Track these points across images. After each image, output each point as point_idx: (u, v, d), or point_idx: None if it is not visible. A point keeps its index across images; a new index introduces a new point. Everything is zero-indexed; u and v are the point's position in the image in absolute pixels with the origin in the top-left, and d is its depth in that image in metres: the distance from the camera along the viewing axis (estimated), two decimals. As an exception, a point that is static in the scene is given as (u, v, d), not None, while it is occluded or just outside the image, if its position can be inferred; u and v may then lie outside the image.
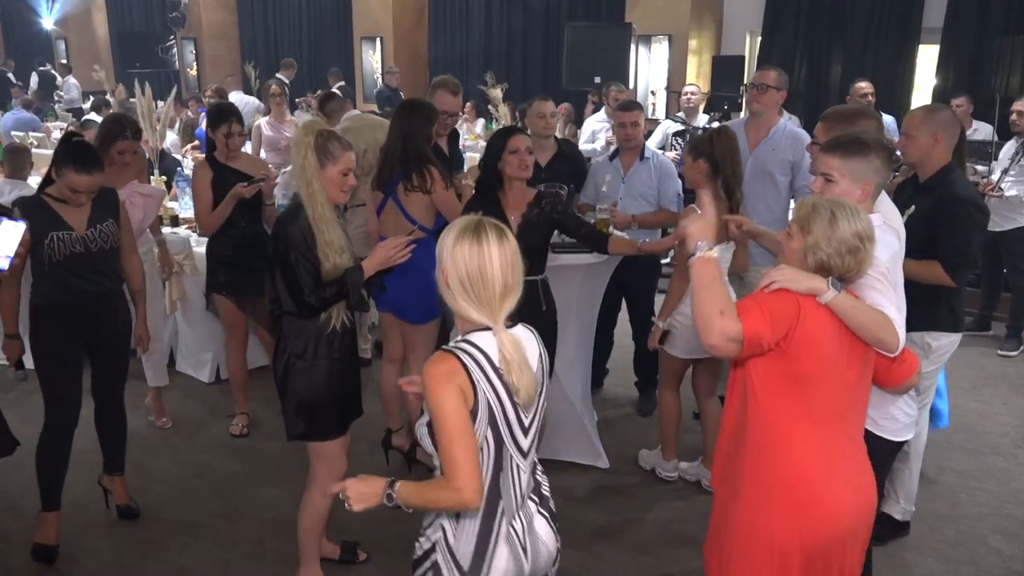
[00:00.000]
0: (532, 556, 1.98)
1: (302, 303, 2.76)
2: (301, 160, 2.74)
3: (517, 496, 1.98)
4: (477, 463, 1.84)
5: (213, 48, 15.76)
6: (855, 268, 2.07)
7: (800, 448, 2.10)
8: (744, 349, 2.04)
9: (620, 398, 4.92)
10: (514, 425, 1.93)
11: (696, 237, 2.13)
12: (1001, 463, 4.21)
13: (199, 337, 5.13)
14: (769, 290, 2.07)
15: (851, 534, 2.15)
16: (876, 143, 2.42)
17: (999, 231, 5.62)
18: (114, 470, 3.65)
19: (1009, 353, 5.66)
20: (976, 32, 8.55)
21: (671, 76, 10.30)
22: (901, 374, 2.27)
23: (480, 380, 1.86)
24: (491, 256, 1.87)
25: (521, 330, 2.01)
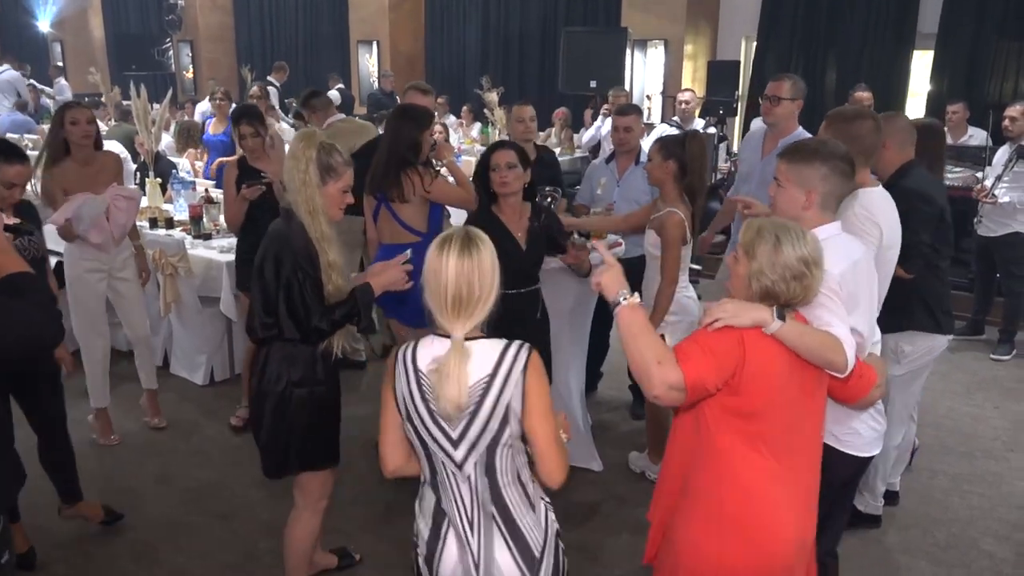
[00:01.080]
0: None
1: (310, 329, 2.56)
2: (301, 175, 2.56)
3: (461, 506, 2.00)
4: (393, 440, 2.06)
5: (210, 51, 15.77)
6: (801, 294, 2.02)
7: (749, 479, 2.05)
8: (688, 396, 1.96)
9: (614, 401, 4.93)
10: (434, 431, 1.95)
11: (612, 288, 2.02)
12: (993, 467, 4.23)
13: (193, 339, 5.12)
14: (712, 328, 2.00)
15: (793, 564, 2.11)
16: (828, 152, 2.36)
17: (993, 236, 5.65)
18: (71, 500, 3.50)
19: (1002, 357, 5.69)
20: (971, 38, 8.58)
21: (667, 81, 10.33)
22: (859, 389, 2.21)
23: (399, 376, 1.98)
24: (446, 267, 1.89)
25: (479, 345, 1.93)
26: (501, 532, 2.00)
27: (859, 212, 2.74)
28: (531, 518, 2.03)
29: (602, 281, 2.05)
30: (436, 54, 13.59)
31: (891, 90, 8.96)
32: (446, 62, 13.44)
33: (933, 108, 8.50)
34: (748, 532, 2.06)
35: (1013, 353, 5.72)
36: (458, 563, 2.00)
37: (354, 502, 3.77)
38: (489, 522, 2.00)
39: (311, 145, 2.58)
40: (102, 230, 3.97)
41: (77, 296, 4.11)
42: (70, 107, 4.03)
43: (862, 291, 2.37)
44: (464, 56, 13.18)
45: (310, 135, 2.65)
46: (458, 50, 13.27)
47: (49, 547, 3.43)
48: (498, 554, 1.99)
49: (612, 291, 2.02)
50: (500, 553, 1.99)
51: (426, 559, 2.06)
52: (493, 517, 2.00)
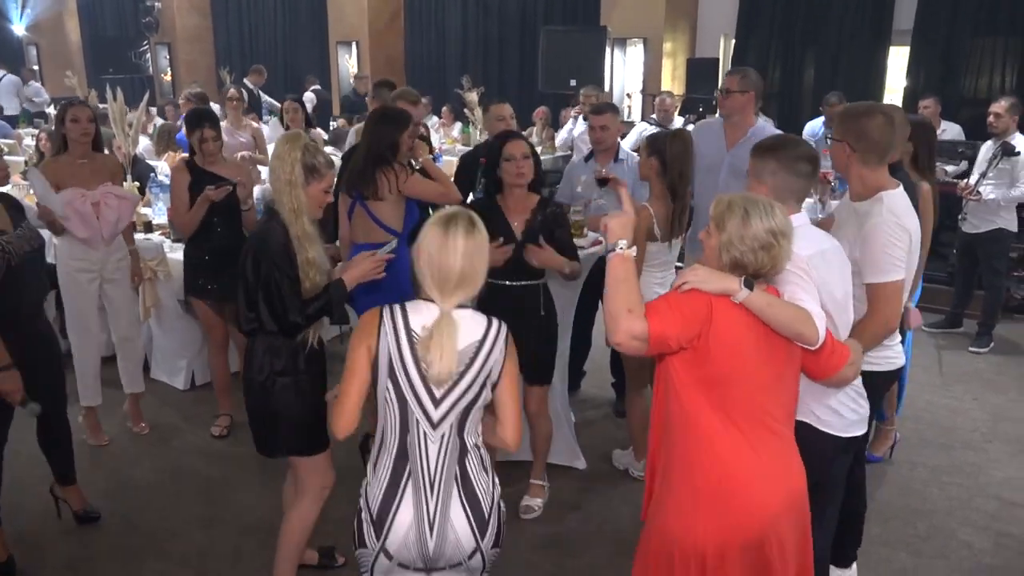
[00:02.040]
0: (437, 537, 2.10)
1: (287, 323, 2.68)
2: (287, 176, 2.67)
3: (425, 466, 2.10)
4: (355, 401, 2.11)
5: (187, 53, 15.66)
6: (769, 264, 2.07)
7: (722, 446, 2.10)
8: (650, 348, 2.04)
9: (597, 399, 4.95)
10: (419, 389, 2.07)
11: (616, 234, 2.10)
12: (971, 457, 4.28)
13: (174, 344, 5.09)
14: (682, 290, 2.07)
15: (777, 527, 2.14)
16: (780, 146, 2.47)
17: (976, 233, 5.69)
18: (66, 481, 3.59)
19: (980, 350, 5.75)
20: (946, 34, 8.68)
21: (646, 79, 10.37)
22: (831, 366, 2.24)
23: (387, 334, 2.06)
24: (455, 247, 2.03)
25: (467, 314, 2.10)
26: (459, 492, 2.13)
27: (888, 219, 2.62)
28: (485, 480, 2.18)
29: (610, 224, 2.12)
30: (416, 54, 13.57)
31: (868, 86, 9.04)
32: (426, 62, 13.42)
33: (909, 104, 8.57)
34: (721, 501, 2.10)
35: (991, 346, 5.79)
36: (412, 522, 2.09)
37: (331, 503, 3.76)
38: (450, 482, 2.12)
39: (296, 147, 2.70)
40: (89, 224, 3.97)
41: (69, 295, 4.10)
42: (72, 105, 4.08)
43: (831, 280, 2.40)
44: (444, 56, 13.17)
45: (295, 137, 2.78)
46: (438, 50, 13.26)
47: (29, 551, 3.40)
48: (453, 513, 2.11)
49: (614, 236, 2.11)
50: (455, 512, 2.11)
51: (376, 518, 2.11)
52: (455, 477, 2.13)
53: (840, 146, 2.74)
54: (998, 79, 8.44)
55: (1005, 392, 5.11)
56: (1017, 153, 5.43)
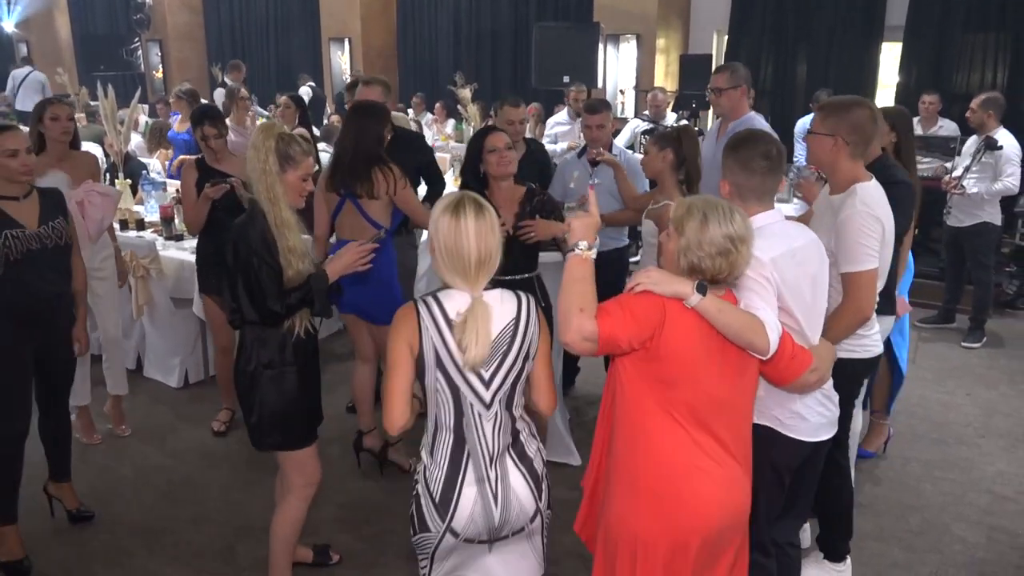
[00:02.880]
0: (503, 505, 2.16)
1: (266, 311, 2.68)
2: (262, 164, 2.69)
3: (484, 444, 2.16)
4: (405, 398, 2.13)
5: (179, 50, 15.57)
6: (727, 270, 2.06)
7: (663, 445, 2.09)
8: (599, 349, 2.04)
9: (591, 396, 4.95)
10: (469, 376, 2.11)
11: (578, 235, 2.10)
12: (964, 452, 4.29)
13: (167, 342, 5.07)
14: (635, 291, 2.07)
15: (718, 535, 2.13)
16: (746, 142, 2.47)
17: (961, 227, 5.73)
18: (61, 478, 3.58)
19: (972, 345, 5.77)
20: (938, 30, 8.68)
21: (639, 75, 10.36)
22: (791, 373, 2.21)
23: (428, 328, 2.09)
24: (467, 230, 2.07)
25: (496, 295, 2.14)
26: (514, 460, 2.20)
27: (861, 210, 2.68)
28: (534, 446, 2.27)
29: (574, 224, 2.12)
30: (408, 51, 13.53)
31: (860, 82, 9.04)
32: (419, 59, 13.38)
33: (902, 100, 8.59)
34: (663, 503, 2.10)
35: (983, 341, 5.81)
36: (477, 497, 2.15)
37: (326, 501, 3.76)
38: (505, 452, 2.19)
39: (270, 136, 2.73)
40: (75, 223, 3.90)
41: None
42: (51, 103, 4.04)
43: (802, 279, 2.38)
44: (437, 52, 13.13)
45: (269, 127, 2.81)
46: (431, 46, 13.22)
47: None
48: (513, 479, 2.19)
49: (575, 237, 2.11)
50: (515, 478, 2.19)
51: (440, 501, 2.15)
52: (508, 447, 2.20)
53: (830, 140, 2.74)
54: (990, 75, 8.45)
55: (997, 387, 5.13)
56: (1000, 147, 5.47)
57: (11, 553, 3.25)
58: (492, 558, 2.24)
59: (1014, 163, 5.50)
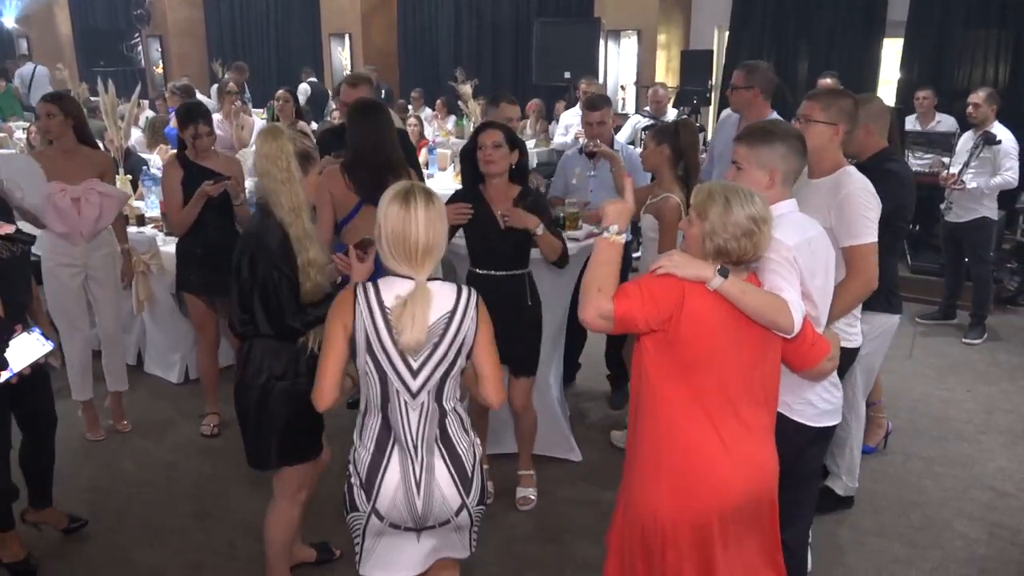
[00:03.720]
0: (424, 497, 2.20)
1: (284, 327, 2.59)
2: (283, 173, 2.55)
3: (408, 431, 2.20)
4: (335, 376, 2.19)
5: (179, 45, 15.55)
6: (752, 250, 2.10)
7: (687, 429, 2.13)
8: (615, 327, 2.10)
9: (593, 392, 4.94)
10: (397, 362, 2.15)
11: (611, 219, 2.16)
12: (965, 449, 4.29)
13: (167, 338, 5.07)
14: (656, 274, 2.10)
15: (739, 513, 2.17)
16: (782, 131, 2.47)
17: (960, 222, 5.72)
18: (43, 504, 3.42)
19: (973, 341, 5.76)
20: (939, 26, 8.67)
21: (640, 71, 10.34)
22: (811, 358, 2.26)
23: (362, 311, 2.14)
24: (416, 219, 2.10)
25: (436, 285, 2.18)
26: (441, 452, 2.24)
27: (860, 186, 2.82)
28: (466, 440, 2.28)
29: (608, 208, 2.19)
30: (409, 46, 13.51)
31: (861, 78, 9.03)
32: (419, 54, 13.36)
33: (903, 96, 8.59)
34: (685, 484, 2.13)
35: (984, 337, 5.80)
36: (400, 481, 2.19)
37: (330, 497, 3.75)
38: (432, 444, 2.23)
39: (283, 138, 2.60)
40: (66, 220, 3.90)
41: (52, 290, 4.05)
42: (42, 100, 4.04)
43: (817, 268, 2.41)
44: (437, 48, 13.11)
45: (275, 130, 2.66)
46: (431, 42, 13.20)
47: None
48: (438, 473, 2.22)
49: (608, 220, 2.16)
50: (440, 472, 2.22)
51: (366, 482, 2.21)
52: (436, 439, 2.24)
53: (832, 128, 2.88)
54: (991, 71, 8.45)
55: (997, 383, 5.13)
56: (998, 142, 5.47)
57: (14, 555, 3.23)
58: (420, 545, 2.29)
59: (1012, 157, 5.50)
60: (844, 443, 3.53)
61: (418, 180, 3.66)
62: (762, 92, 4.19)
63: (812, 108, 2.93)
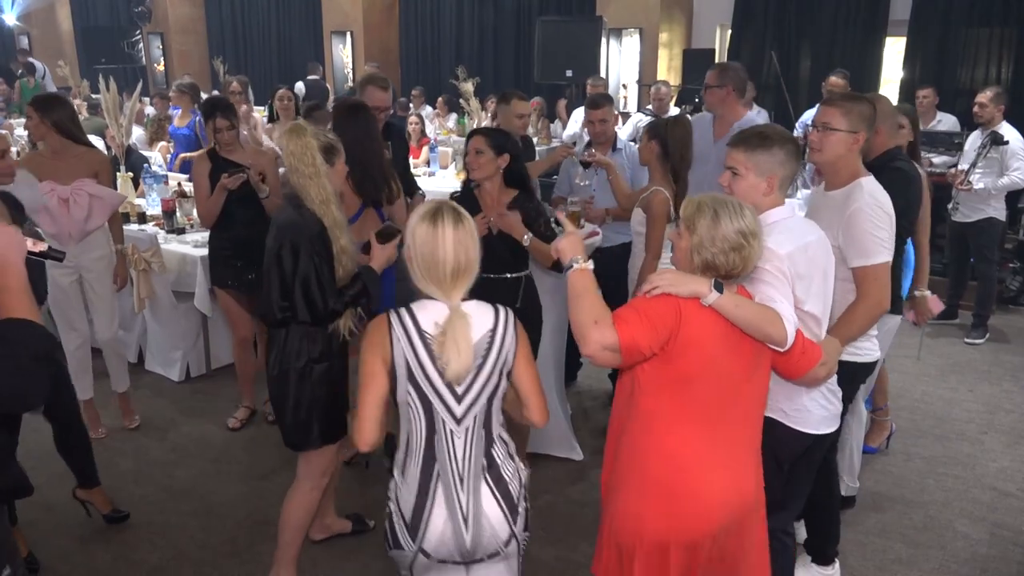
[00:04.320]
0: (474, 529, 2.09)
1: (323, 311, 2.70)
2: (310, 168, 2.68)
3: (454, 462, 2.09)
4: (377, 412, 2.07)
5: (180, 43, 15.53)
6: (740, 265, 2.06)
7: (676, 444, 2.09)
8: (623, 358, 2.02)
9: (593, 390, 4.95)
10: (441, 388, 2.06)
11: (569, 253, 2.13)
12: (967, 449, 4.28)
13: (168, 336, 5.07)
14: (651, 295, 2.05)
15: (725, 530, 2.13)
16: (779, 137, 2.41)
17: (967, 222, 5.72)
18: (90, 484, 3.56)
19: (975, 341, 5.76)
20: (942, 25, 8.66)
21: (642, 69, 10.33)
22: (802, 366, 2.21)
23: (400, 340, 2.04)
24: (444, 239, 2.02)
25: (472, 305, 2.09)
26: (487, 482, 2.12)
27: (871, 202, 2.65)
28: (511, 467, 2.18)
29: (560, 246, 2.15)
30: (411, 44, 13.49)
31: (864, 77, 9.02)
32: (421, 52, 13.35)
33: (906, 94, 8.58)
34: (672, 498, 2.09)
35: (986, 337, 5.80)
36: (447, 520, 2.08)
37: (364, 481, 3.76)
38: (478, 473, 2.11)
39: (306, 135, 2.72)
40: (55, 220, 3.88)
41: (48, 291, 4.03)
42: (28, 103, 4.07)
43: (815, 273, 2.39)
44: (439, 46, 13.10)
45: (299, 128, 2.77)
46: (433, 40, 13.18)
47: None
48: (485, 503, 2.11)
49: (567, 255, 2.13)
50: (487, 502, 2.11)
51: (411, 524, 2.10)
52: (483, 468, 2.12)
53: (852, 137, 2.71)
54: (993, 70, 8.44)
55: (1000, 383, 5.13)
56: (1006, 142, 5.46)
57: None
58: None
59: (1020, 157, 5.48)
60: (845, 443, 3.53)
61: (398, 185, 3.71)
62: (735, 90, 4.19)
63: (832, 114, 2.72)
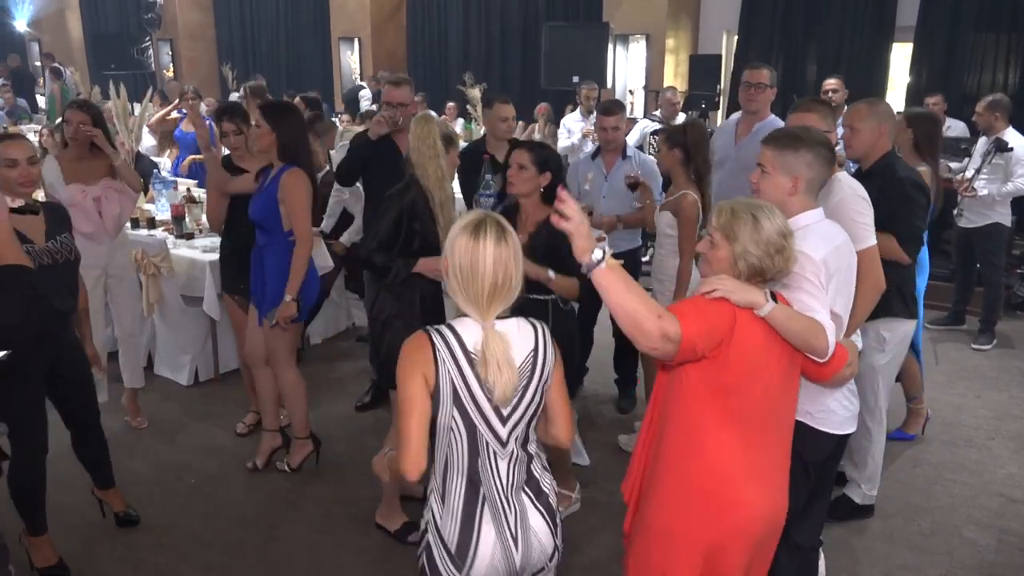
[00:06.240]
0: (523, 548, 2.01)
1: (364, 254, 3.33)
2: (430, 149, 3.19)
3: (498, 484, 2.01)
4: (421, 440, 1.92)
5: (189, 49, 15.62)
6: (783, 266, 2.08)
7: (719, 452, 2.08)
8: (679, 353, 1.98)
9: (600, 396, 4.94)
10: (487, 411, 1.96)
11: (584, 248, 1.91)
12: (975, 455, 4.27)
13: (177, 340, 5.09)
14: (709, 297, 2.04)
15: (760, 540, 2.15)
16: (812, 139, 2.42)
17: (973, 227, 5.71)
18: (106, 485, 3.60)
19: (982, 347, 5.74)
20: (949, 30, 8.65)
21: (649, 75, 10.35)
22: (831, 369, 2.22)
23: (445, 361, 1.92)
24: (485, 253, 1.90)
25: (513, 324, 1.99)
26: (530, 498, 2.06)
27: (849, 192, 2.84)
28: (549, 479, 2.13)
29: (576, 247, 1.93)
30: (418, 50, 13.54)
31: (871, 82, 9.01)
32: (428, 58, 13.39)
33: (912, 100, 8.57)
34: (714, 506, 2.09)
35: (994, 343, 5.78)
36: (496, 543, 1.99)
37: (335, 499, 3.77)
38: (520, 492, 2.05)
39: (432, 123, 3.24)
40: (91, 219, 4.04)
41: None
42: (70, 106, 4.20)
43: (844, 273, 2.44)
44: (446, 52, 13.13)
45: (426, 117, 3.29)
46: (440, 46, 13.22)
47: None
48: (532, 519, 2.05)
49: (585, 252, 1.92)
50: (533, 517, 2.05)
51: (457, 553, 1.98)
52: (524, 484, 2.06)
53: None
54: (1001, 76, 8.42)
55: (1007, 390, 5.11)
56: (1010, 149, 5.46)
57: (47, 559, 3.26)
58: None
59: None
60: (866, 452, 3.52)
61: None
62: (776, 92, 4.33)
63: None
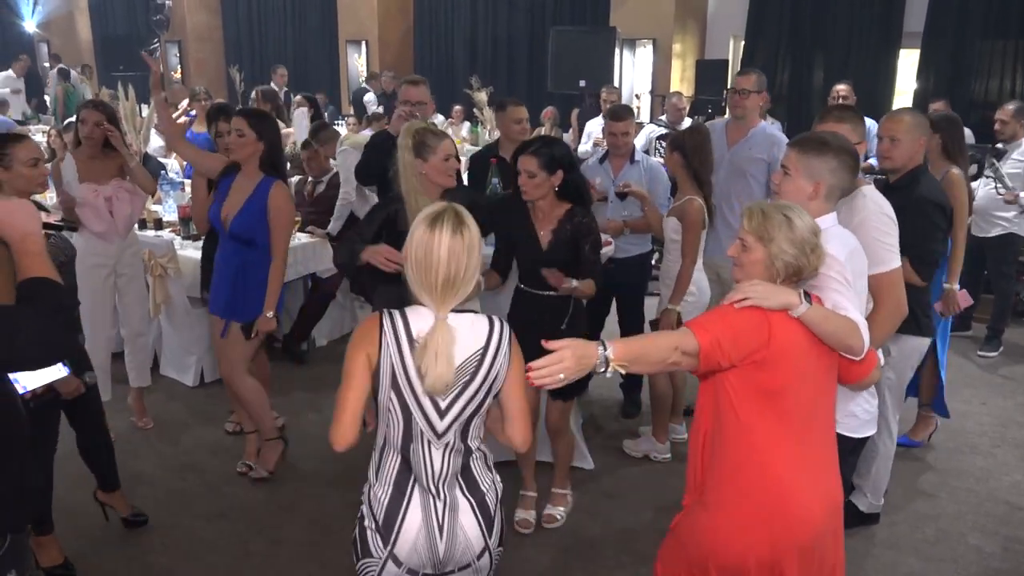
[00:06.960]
0: (448, 539, 2.04)
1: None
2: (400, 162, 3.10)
3: (430, 471, 2.03)
4: (356, 413, 1.97)
5: (198, 50, 15.68)
6: (816, 264, 2.09)
7: (774, 457, 2.07)
8: (702, 364, 2.00)
9: (604, 400, 4.94)
10: (423, 400, 1.98)
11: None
12: (980, 462, 4.26)
13: (183, 340, 5.11)
14: (740, 306, 2.03)
15: (819, 538, 2.13)
16: (838, 146, 2.41)
17: (985, 236, 5.65)
18: (110, 487, 3.59)
19: (989, 354, 5.72)
20: (956, 37, 8.65)
21: (655, 80, 10.36)
22: (863, 371, 2.24)
23: (389, 344, 1.95)
24: (440, 245, 1.92)
25: (467, 319, 2.00)
26: (464, 493, 2.07)
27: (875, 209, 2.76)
28: (489, 479, 2.13)
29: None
30: (425, 53, 13.58)
31: (877, 88, 9.02)
32: (435, 61, 13.43)
33: (919, 106, 8.54)
34: (769, 514, 2.07)
35: (1000, 350, 5.76)
36: (422, 524, 2.02)
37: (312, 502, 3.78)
38: (454, 484, 2.07)
39: (408, 134, 3.12)
40: (102, 218, 4.10)
41: (84, 291, 4.07)
42: (85, 106, 4.27)
43: (860, 278, 2.44)
44: (453, 55, 13.17)
45: (411, 127, 3.18)
46: (447, 49, 13.26)
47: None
48: (461, 514, 2.06)
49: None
50: (463, 513, 2.06)
51: (383, 525, 2.02)
52: (457, 479, 2.07)
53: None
54: (1008, 82, 8.42)
55: (1013, 397, 5.10)
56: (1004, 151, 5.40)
57: (53, 559, 3.27)
58: None
59: None
60: (872, 461, 3.50)
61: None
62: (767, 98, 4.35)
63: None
